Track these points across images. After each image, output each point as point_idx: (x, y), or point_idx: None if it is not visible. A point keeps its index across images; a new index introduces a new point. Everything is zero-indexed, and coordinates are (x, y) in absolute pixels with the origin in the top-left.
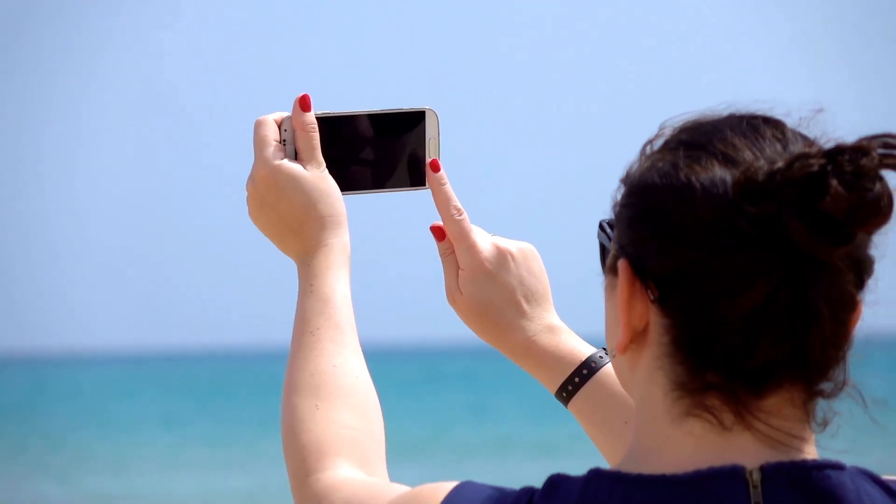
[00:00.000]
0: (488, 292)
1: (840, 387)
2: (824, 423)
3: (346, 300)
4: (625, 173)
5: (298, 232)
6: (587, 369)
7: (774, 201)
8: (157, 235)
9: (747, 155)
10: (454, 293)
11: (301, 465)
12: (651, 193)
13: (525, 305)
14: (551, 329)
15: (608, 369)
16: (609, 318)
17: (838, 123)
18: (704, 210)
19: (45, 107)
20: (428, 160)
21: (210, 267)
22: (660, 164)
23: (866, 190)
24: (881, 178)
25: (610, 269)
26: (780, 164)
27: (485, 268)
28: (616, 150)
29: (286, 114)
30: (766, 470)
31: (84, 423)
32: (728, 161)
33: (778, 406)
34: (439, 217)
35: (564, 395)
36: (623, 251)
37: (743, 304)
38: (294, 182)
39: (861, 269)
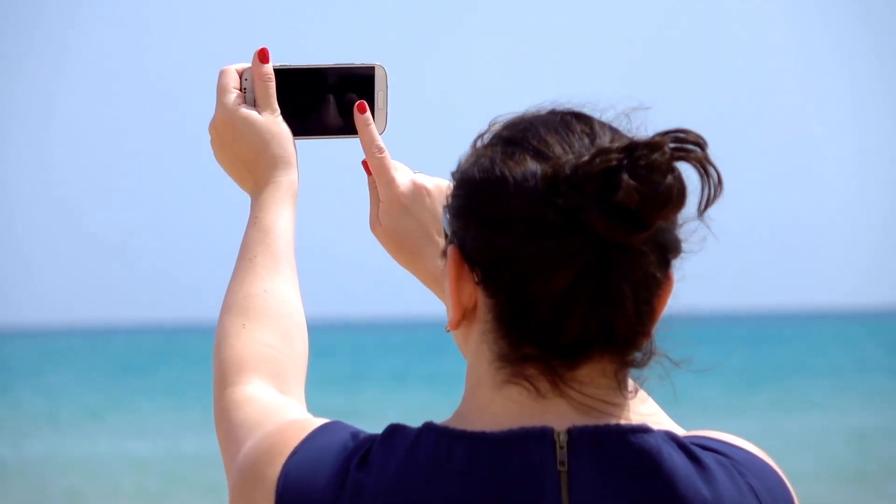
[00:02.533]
0: (404, 224)
1: (649, 357)
2: (635, 390)
3: (285, 233)
4: (456, 166)
5: (253, 170)
6: None
7: (578, 193)
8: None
9: (557, 150)
10: (375, 224)
11: (221, 377)
12: (472, 187)
13: (438, 237)
14: None
15: None
16: (447, 296)
17: None
18: (516, 202)
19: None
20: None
21: (174, 242)
22: (482, 160)
23: (657, 183)
24: (673, 170)
25: (443, 252)
26: (584, 158)
27: (401, 202)
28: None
29: (248, 65)
30: (572, 432)
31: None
32: (539, 156)
33: (590, 376)
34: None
35: None
36: (454, 237)
37: (553, 287)
38: (249, 125)
39: (665, 250)
